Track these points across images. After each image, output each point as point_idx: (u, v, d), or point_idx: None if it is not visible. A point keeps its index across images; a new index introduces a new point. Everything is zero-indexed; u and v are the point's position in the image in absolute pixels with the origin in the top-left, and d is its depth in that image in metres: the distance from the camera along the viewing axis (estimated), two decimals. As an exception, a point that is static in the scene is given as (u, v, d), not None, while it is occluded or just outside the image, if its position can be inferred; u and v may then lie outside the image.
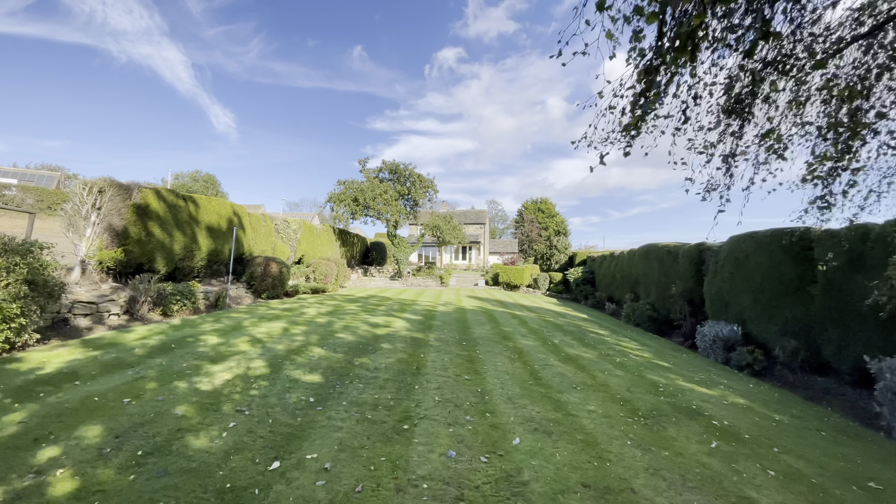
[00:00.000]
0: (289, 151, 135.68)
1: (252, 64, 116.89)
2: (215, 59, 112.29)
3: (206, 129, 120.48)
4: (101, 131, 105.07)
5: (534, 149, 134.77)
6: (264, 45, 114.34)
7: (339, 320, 9.84)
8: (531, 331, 10.23)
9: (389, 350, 7.05)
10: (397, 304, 14.56)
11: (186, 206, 11.12)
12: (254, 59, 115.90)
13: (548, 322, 12.27)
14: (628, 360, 7.62)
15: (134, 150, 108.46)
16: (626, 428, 4.31)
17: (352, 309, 12.17)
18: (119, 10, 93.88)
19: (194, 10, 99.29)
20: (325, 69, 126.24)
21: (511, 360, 6.87)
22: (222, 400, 4.31)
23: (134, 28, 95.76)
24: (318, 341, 7.37)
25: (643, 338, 11.37)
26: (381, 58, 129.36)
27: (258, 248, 15.32)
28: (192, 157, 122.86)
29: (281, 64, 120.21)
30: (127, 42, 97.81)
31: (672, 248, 13.55)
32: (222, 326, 8.32)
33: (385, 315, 11.22)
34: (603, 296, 19.99)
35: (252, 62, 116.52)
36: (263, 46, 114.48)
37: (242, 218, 14.05)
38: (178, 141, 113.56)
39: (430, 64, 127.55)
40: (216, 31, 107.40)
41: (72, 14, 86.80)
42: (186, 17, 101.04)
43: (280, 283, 14.07)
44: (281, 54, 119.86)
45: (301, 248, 19.06)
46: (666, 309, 13.55)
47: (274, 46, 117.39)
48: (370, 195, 22.86)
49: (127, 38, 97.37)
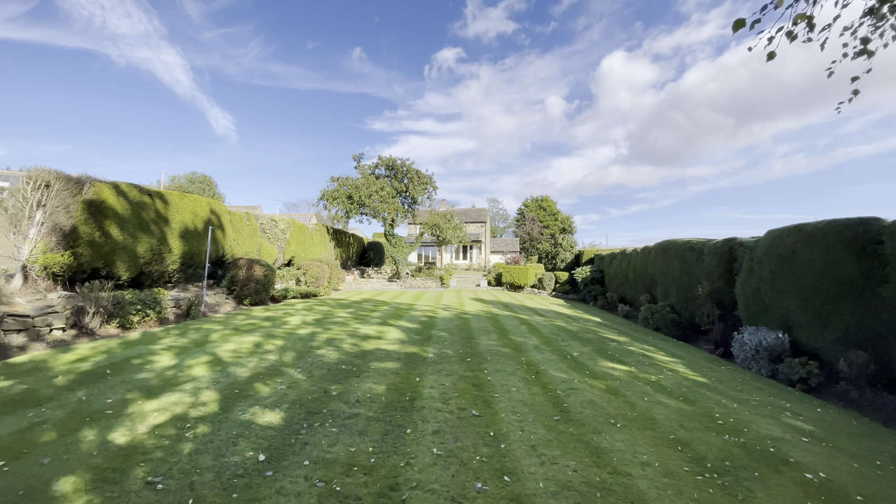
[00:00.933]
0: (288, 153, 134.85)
1: (251, 66, 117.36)
2: (214, 61, 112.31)
3: (206, 132, 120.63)
4: (101, 135, 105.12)
5: (533, 148, 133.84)
6: (262, 47, 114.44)
7: (324, 331, 8.60)
8: (544, 340, 8.99)
9: (378, 372, 5.81)
10: (393, 309, 13.32)
11: (153, 204, 9.88)
12: (252, 62, 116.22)
13: (560, 328, 11.03)
14: (665, 378, 6.39)
15: (134, 153, 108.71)
16: (700, 494, 3.08)
17: (342, 316, 10.93)
18: (118, 15, 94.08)
19: (192, 14, 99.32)
20: (323, 71, 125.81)
21: (527, 383, 5.63)
22: (134, 462, 3.07)
23: (133, 32, 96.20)
24: (294, 361, 6.14)
25: (668, 345, 10.14)
26: (381, 59, 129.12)
27: (241, 250, 14.09)
28: (192, 159, 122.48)
29: (279, 66, 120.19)
30: (126, 46, 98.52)
31: (695, 245, 12.30)
32: (185, 342, 7.09)
33: (378, 324, 9.97)
34: (614, 296, 18.74)
35: (251, 64, 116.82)
36: (262, 49, 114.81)
37: (222, 217, 12.81)
38: (179, 144, 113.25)
39: (429, 64, 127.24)
40: (214, 33, 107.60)
41: (71, 19, 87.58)
42: (185, 20, 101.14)
43: (264, 287, 12.84)
44: (279, 56, 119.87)
45: (291, 249, 17.82)
46: (689, 312, 12.31)
47: (272, 48, 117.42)
48: (365, 192, 21.57)
49: (126, 41, 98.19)
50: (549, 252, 26.50)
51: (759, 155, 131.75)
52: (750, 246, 9.84)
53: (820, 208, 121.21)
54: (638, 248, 17.29)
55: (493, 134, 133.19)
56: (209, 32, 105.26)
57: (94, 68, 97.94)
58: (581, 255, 24.99)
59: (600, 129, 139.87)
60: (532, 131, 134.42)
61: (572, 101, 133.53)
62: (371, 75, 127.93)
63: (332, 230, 23.61)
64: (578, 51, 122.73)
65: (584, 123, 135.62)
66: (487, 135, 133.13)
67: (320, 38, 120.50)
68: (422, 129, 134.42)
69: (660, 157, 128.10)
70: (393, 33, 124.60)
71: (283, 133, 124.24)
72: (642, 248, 16.83)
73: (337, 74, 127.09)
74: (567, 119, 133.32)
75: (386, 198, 22.24)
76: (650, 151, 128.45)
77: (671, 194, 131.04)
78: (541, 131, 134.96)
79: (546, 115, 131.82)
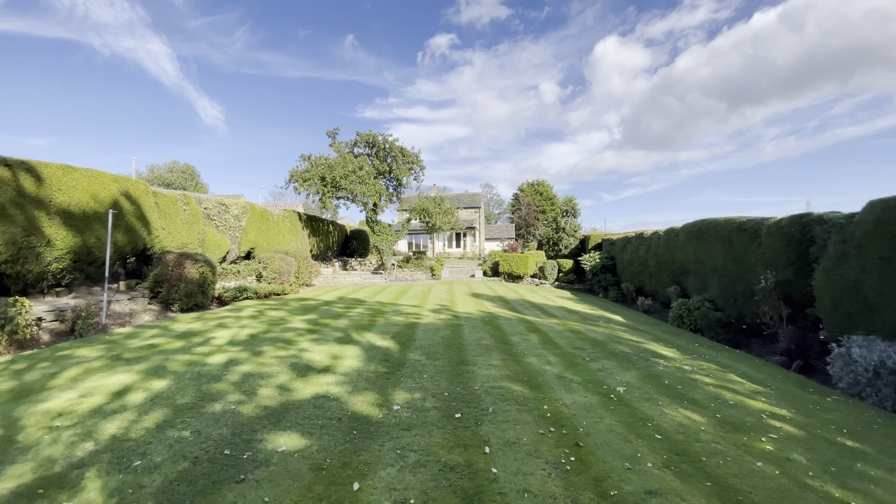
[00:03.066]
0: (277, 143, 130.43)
1: (238, 55, 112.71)
2: (200, 50, 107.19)
3: (195, 123, 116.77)
4: (87, 127, 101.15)
5: (527, 134, 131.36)
6: (250, 35, 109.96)
7: (249, 358, 5.92)
8: (567, 360, 6.39)
9: (284, 468, 3.16)
10: (368, 313, 10.65)
11: (15, 180, 7.02)
12: (240, 50, 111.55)
13: (581, 336, 8.45)
14: (781, 442, 3.80)
15: (122, 145, 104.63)
16: None
17: (293, 328, 8.24)
18: (100, 3, 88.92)
19: (177, 1, 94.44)
20: (313, 58, 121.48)
21: (565, 480, 3.01)
22: None
23: (116, 21, 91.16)
24: (146, 436, 3.45)
25: (724, 356, 7.62)
26: (373, 46, 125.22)
27: (175, 241, 11.26)
28: (181, 151, 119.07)
29: (267, 54, 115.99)
30: (109, 35, 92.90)
31: (746, 224, 9.72)
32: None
33: (337, 340, 7.30)
34: (630, 287, 16.23)
35: (238, 53, 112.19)
36: (249, 37, 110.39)
37: (140, 199, 9.93)
38: (167, 135, 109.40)
39: (422, 51, 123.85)
40: (200, 21, 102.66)
41: (52, 8, 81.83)
42: (169, 8, 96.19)
43: (201, 288, 10.08)
44: (267, 44, 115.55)
45: (249, 239, 14.97)
46: (737, 309, 9.81)
47: (259, 36, 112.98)
48: (340, 172, 18.58)
49: (109, 31, 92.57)
50: (551, 238, 23.86)
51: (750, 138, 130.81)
52: (838, 223, 7.25)
53: (810, 190, 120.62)
54: (660, 231, 14.71)
55: (487, 120, 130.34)
56: (195, 21, 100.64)
57: (78, 59, 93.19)
58: (587, 241, 22.41)
59: (594, 114, 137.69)
60: (526, 117, 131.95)
61: (566, 87, 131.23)
62: (361, 63, 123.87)
63: (306, 217, 20.72)
64: (572, 36, 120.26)
65: (578, 109, 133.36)
66: (481, 121, 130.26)
67: (312, 25, 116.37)
68: (413, 117, 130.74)
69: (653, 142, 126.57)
70: (385, 20, 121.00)
71: (272, 122, 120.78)
72: (665, 230, 14.26)
73: (326, 62, 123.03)
74: (561, 105, 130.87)
75: (365, 178, 19.25)
76: (643, 136, 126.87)
77: (663, 178, 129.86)
78: (535, 117, 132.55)
79: (540, 100, 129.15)
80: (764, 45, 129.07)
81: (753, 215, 9.96)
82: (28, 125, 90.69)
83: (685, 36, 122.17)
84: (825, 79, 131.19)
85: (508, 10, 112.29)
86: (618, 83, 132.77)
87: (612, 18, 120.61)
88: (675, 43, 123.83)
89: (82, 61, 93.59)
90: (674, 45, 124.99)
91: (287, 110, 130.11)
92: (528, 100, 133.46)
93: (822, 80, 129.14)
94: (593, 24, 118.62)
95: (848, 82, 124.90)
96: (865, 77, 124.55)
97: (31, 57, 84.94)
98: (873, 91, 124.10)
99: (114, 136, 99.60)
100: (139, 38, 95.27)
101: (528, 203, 59.73)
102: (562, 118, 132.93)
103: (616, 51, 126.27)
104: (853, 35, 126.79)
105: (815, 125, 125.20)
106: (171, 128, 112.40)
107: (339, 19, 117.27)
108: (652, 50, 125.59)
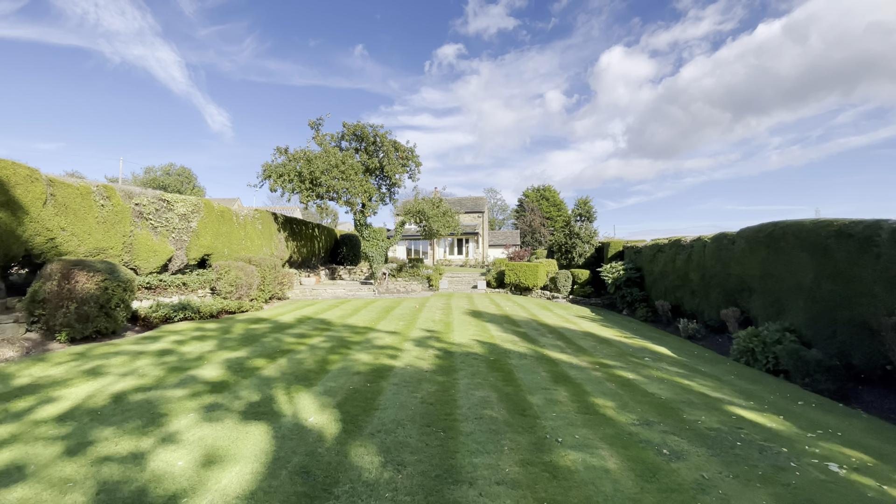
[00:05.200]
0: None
1: (246, 63, 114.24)
2: (209, 58, 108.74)
3: (202, 129, 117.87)
4: (96, 133, 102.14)
5: (532, 142, 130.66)
6: (258, 43, 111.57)
7: (43, 469, 3.21)
8: (634, 458, 3.62)
9: None
10: (325, 346, 7.91)
11: None
12: (247, 58, 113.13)
13: (634, 391, 5.66)
14: None
15: (130, 150, 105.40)
16: None
17: (195, 378, 5.53)
18: (111, 12, 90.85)
19: (187, 11, 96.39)
20: (320, 66, 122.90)
21: None
22: None
23: (127, 29, 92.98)
24: None
25: (852, 430, 4.77)
26: (382, 56, 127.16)
27: (86, 246, 8.61)
28: (188, 157, 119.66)
29: (275, 62, 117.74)
30: (120, 43, 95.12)
31: (849, 227, 6.94)
32: None
33: (240, 415, 4.53)
34: (665, 306, 13.38)
35: (246, 61, 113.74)
36: (257, 45, 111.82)
37: (14, 187, 7.29)
38: (174, 141, 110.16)
39: (429, 61, 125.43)
40: (209, 30, 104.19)
41: (64, 16, 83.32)
42: (179, 17, 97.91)
43: (102, 309, 7.40)
44: (275, 53, 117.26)
45: (202, 244, 12.30)
46: (836, 344, 7.00)
47: (267, 45, 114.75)
48: (320, 167, 15.91)
49: (120, 39, 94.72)
50: (564, 244, 21.04)
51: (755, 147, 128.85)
52: None
53: (815, 199, 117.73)
54: (705, 237, 11.93)
55: (492, 128, 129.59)
56: (204, 29, 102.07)
57: (89, 66, 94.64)
58: (605, 248, 19.60)
59: (599, 123, 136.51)
60: (531, 125, 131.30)
61: (571, 96, 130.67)
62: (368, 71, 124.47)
63: (283, 218, 18.09)
64: (577, 46, 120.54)
65: (583, 118, 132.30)
66: (487, 129, 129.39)
67: (322, 35, 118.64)
68: (418, 124, 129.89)
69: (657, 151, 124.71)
70: (394, 30, 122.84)
71: (278, 129, 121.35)
72: (713, 236, 11.49)
73: (334, 70, 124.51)
74: (566, 113, 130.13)
75: (349, 173, 16.57)
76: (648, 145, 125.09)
77: (667, 186, 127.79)
78: (540, 125, 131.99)
79: (545, 109, 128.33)
80: (768, 56, 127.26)
81: (854, 217, 7.20)
82: (38, 130, 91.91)
83: (690, 47, 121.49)
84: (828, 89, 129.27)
85: (516, 21, 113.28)
86: (623, 93, 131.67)
87: (617, 30, 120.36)
88: (680, 54, 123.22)
89: (93, 68, 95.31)
90: (678, 56, 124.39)
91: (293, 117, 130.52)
92: (534, 108, 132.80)
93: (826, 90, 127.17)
94: (599, 35, 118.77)
95: (851, 93, 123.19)
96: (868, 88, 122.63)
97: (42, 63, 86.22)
98: (876, 101, 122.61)
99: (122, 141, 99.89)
100: (149, 47, 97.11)
101: (533, 209, 56.90)
102: (567, 126, 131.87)
103: (621, 61, 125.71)
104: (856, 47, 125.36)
105: (818, 134, 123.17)
106: (179, 134, 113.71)
107: (350, 29, 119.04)
108: (657, 60, 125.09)
